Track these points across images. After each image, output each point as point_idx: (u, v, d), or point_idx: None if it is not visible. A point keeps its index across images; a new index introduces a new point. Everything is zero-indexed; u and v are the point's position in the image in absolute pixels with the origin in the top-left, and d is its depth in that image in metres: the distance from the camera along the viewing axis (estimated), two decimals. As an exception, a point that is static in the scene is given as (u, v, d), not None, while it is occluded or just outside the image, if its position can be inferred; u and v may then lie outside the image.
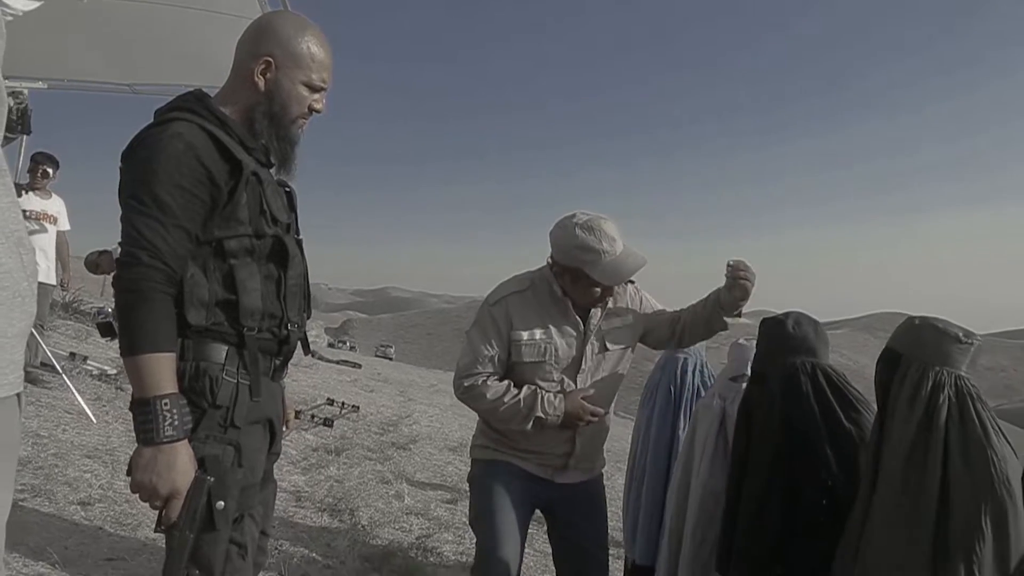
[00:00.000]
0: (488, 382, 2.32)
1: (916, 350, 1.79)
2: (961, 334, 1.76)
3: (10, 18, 1.02)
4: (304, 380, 9.31)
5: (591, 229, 2.24)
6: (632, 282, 2.51)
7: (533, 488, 2.41)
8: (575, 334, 2.37)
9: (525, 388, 2.31)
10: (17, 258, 0.97)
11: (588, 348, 2.38)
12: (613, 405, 2.58)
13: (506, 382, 2.34)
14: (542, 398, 2.28)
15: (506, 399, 2.29)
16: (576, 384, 2.36)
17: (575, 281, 2.31)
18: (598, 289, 2.31)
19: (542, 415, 2.26)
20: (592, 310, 2.40)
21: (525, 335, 2.33)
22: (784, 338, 2.18)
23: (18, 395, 0.99)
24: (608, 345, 2.42)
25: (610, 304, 2.43)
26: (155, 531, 1.47)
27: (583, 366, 2.38)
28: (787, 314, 2.25)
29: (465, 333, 2.45)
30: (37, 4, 1.10)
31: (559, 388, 2.35)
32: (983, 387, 1.80)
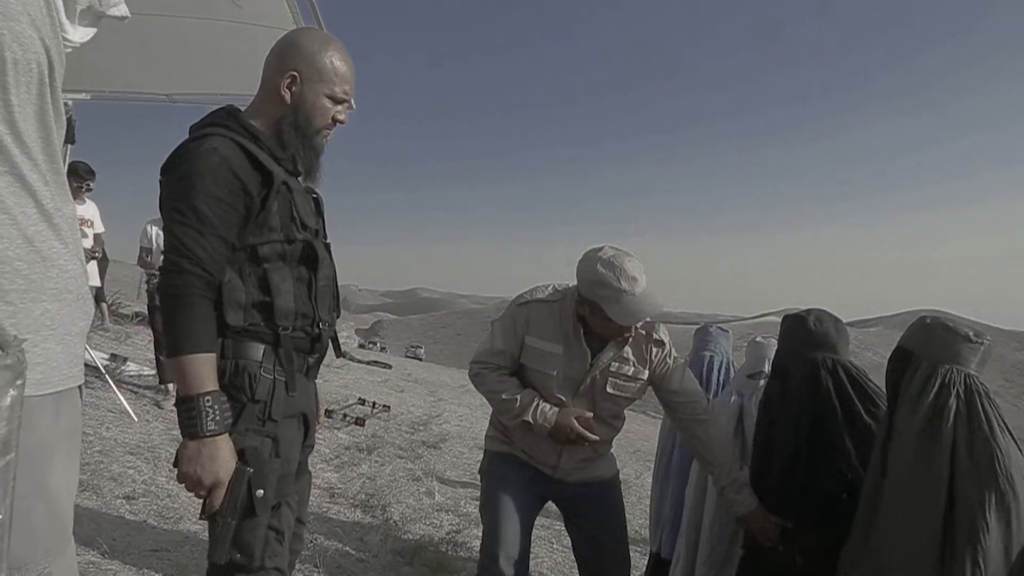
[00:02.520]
0: (494, 374, 2.41)
1: (926, 348, 1.83)
2: (971, 334, 1.81)
3: (69, 50, 1.12)
4: (336, 380, 9.46)
5: (612, 266, 2.22)
6: (663, 344, 2.46)
7: (537, 479, 2.48)
8: (582, 362, 2.38)
9: (526, 392, 2.37)
10: (80, 263, 1.08)
11: (589, 379, 2.39)
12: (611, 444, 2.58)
13: (512, 379, 2.41)
14: (537, 405, 2.34)
15: (504, 395, 2.37)
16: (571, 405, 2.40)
17: (593, 313, 2.30)
18: (616, 327, 2.29)
19: (530, 420, 2.32)
20: (607, 346, 2.38)
21: (536, 343, 2.38)
22: (805, 334, 2.23)
23: (80, 387, 1.10)
24: (609, 388, 2.40)
25: (627, 353, 2.40)
26: (199, 519, 1.58)
27: (580, 390, 2.39)
28: (808, 311, 2.29)
29: (492, 322, 2.53)
30: (93, 32, 1.21)
31: (557, 403, 2.38)
32: (1023, 384, 1.84)
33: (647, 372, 2.43)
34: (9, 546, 0.93)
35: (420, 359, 39.79)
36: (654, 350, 2.44)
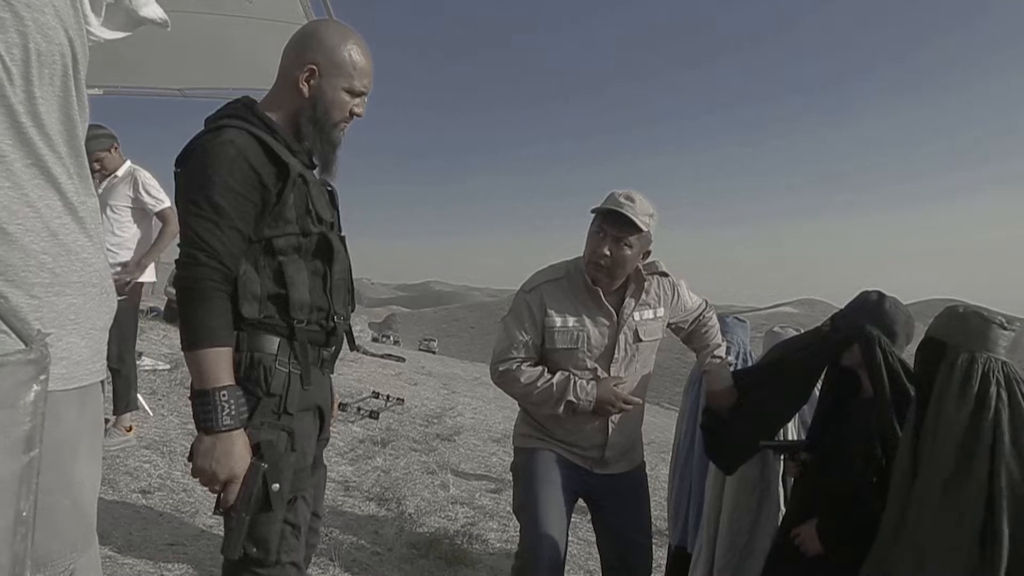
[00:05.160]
0: (522, 367, 2.37)
1: (963, 338, 1.80)
2: (1004, 321, 1.79)
3: (92, 43, 1.11)
4: (349, 374, 9.48)
5: (620, 191, 2.35)
6: (667, 275, 2.54)
7: (575, 476, 2.44)
8: (608, 324, 2.41)
9: (558, 373, 2.36)
10: (104, 258, 1.08)
11: (621, 338, 2.41)
12: (644, 397, 2.61)
13: (540, 368, 2.39)
14: (574, 383, 2.32)
15: (539, 383, 2.34)
16: (610, 374, 2.40)
17: (589, 233, 2.39)
18: (601, 236, 2.33)
19: (573, 399, 2.31)
20: (626, 300, 2.43)
21: (558, 321, 2.37)
22: (877, 310, 2.22)
23: (102, 382, 1.10)
24: (641, 336, 2.45)
25: (642, 297, 2.46)
26: (214, 513, 1.58)
27: (616, 355, 2.41)
28: (889, 296, 2.28)
29: (501, 320, 2.51)
30: (124, 35, 1.20)
31: (592, 376, 2.39)
32: None
33: (663, 308, 2.53)
34: (34, 543, 0.93)
35: (434, 352, 39.87)
36: (663, 283, 2.54)
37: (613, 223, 2.31)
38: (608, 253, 2.31)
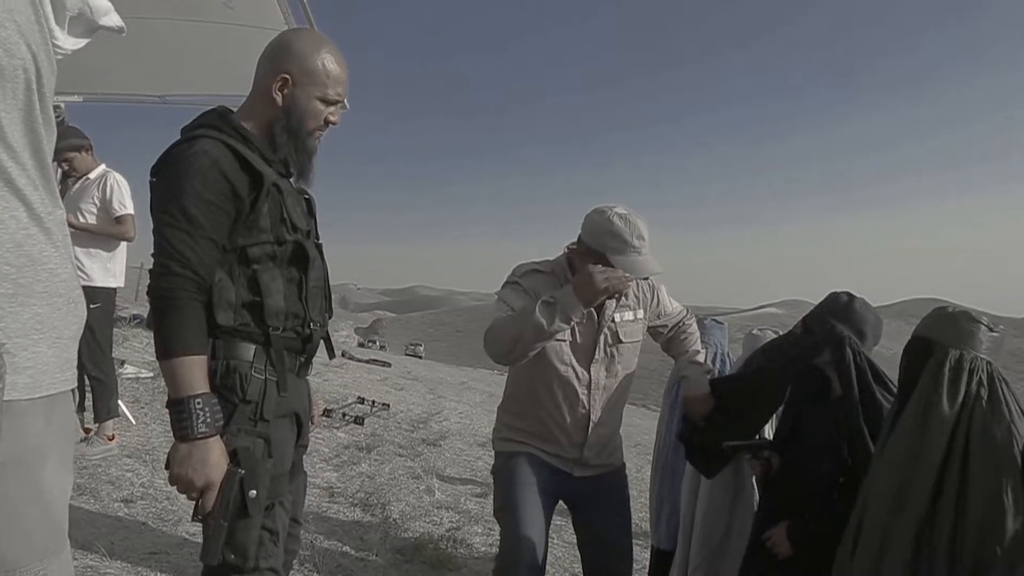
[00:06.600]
0: (497, 320, 2.27)
1: (952, 338, 1.86)
2: (991, 323, 1.88)
3: (60, 56, 1.12)
4: (335, 379, 9.46)
5: (627, 221, 2.27)
6: (646, 277, 2.52)
7: (555, 479, 2.45)
8: (588, 324, 2.41)
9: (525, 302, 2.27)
10: (72, 268, 1.08)
11: (601, 339, 2.43)
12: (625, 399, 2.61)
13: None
14: (549, 297, 2.21)
15: (523, 314, 2.21)
16: (590, 375, 2.41)
17: (595, 263, 2.29)
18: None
19: (552, 299, 2.17)
20: (606, 302, 2.43)
21: None
22: (847, 310, 2.25)
23: (72, 390, 1.10)
24: (621, 337, 2.46)
25: (623, 299, 2.48)
26: (192, 520, 1.58)
27: (596, 355, 2.42)
28: (858, 296, 2.32)
29: (496, 303, 2.40)
30: (85, 42, 1.21)
31: (574, 375, 2.39)
32: (1021, 370, 1.88)
33: (642, 310, 2.55)
34: (2, 549, 0.93)
35: (420, 357, 39.77)
36: (642, 285, 2.56)
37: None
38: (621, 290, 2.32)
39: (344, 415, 6.64)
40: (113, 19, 1.27)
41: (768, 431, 2.72)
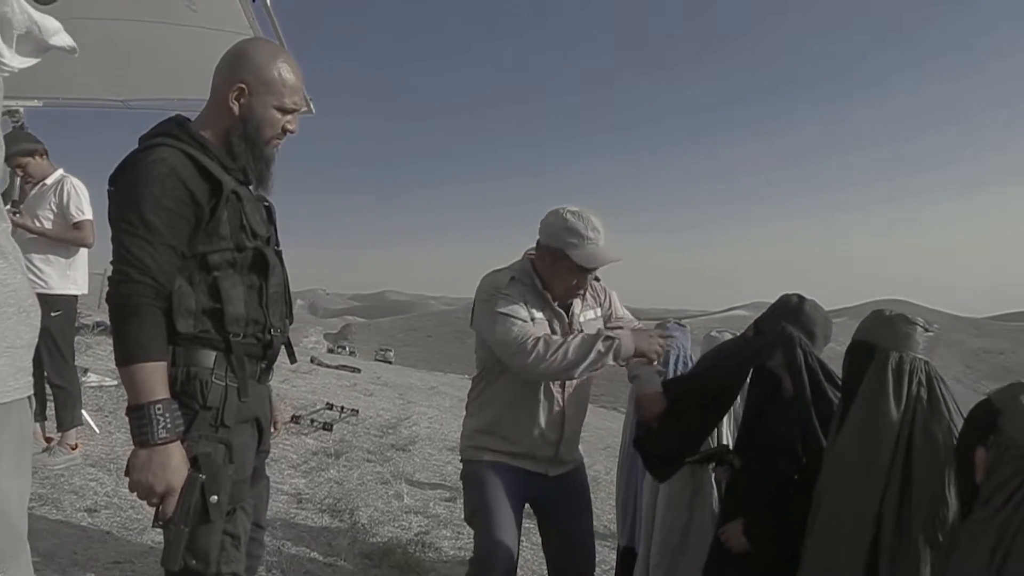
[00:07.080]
0: (548, 338, 2.30)
1: (892, 340, 1.92)
2: (926, 323, 1.93)
3: (7, 74, 1.12)
4: (303, 385, 9.40)
5: (580, 217, 2.37)
6: (598, 280, 2.63)
7: (526, 482, 2.49)
8: (562, 323, 2.48)
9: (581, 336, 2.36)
10: (23, 277, 1.08)
11: None
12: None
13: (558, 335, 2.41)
14: (600, 336, 2.32)
15: (572, 341, 2.28)
16: None
17: (555, 263, 2.40)
18: (574, 278, 2.42)
19: (613, 337, 2.31)
20: (574, 301, 2.51)
21: (538, 315, 2.43)
22: (797, 312, 2.30)
23: (29, 397, 1.10)
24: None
25: (587, 299, 2.56)
26: (152, 526, 1.58)
27: None
28: (808, 298, 2.36)
29: (499, 317, 2.36)
30: (35, 61, 1.21)
31: None
32: (983, 370, 1.95)
33: (600, 309, 2.67)
34: None
35: (390, 362, 39.58)
36: (596, 286, 2.67)
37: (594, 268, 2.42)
38: (577, 287, 2.46)
39: (312, 421, 6.60)
40: (63, 39, 1.27)
41: (728, 437, 2.76)
